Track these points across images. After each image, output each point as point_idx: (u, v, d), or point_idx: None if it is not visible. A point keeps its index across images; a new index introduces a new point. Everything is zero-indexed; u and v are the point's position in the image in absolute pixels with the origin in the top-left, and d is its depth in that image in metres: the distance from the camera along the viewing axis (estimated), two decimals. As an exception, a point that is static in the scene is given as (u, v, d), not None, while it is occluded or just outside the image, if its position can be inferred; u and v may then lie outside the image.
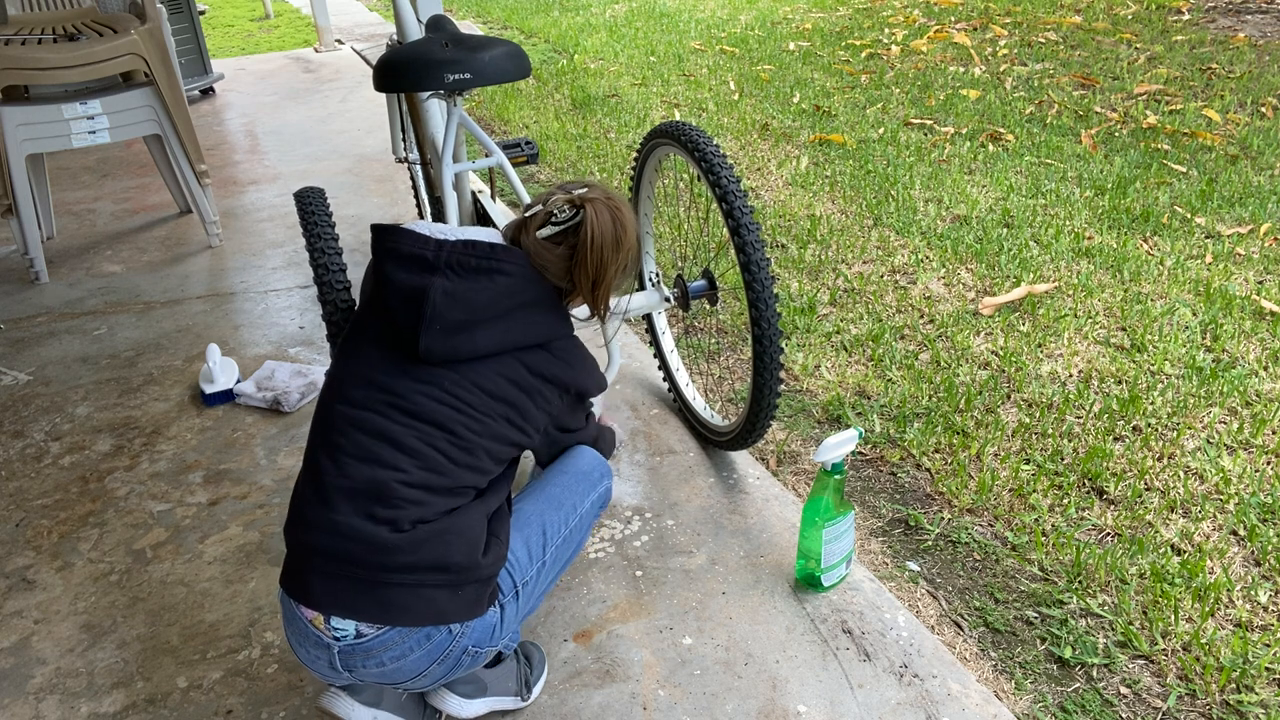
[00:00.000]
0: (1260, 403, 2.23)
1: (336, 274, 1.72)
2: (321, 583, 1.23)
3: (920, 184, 3.61)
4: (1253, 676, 1.54)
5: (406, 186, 3.86)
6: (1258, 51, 5.17)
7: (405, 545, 1.23)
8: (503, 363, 1.34)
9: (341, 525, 1.23)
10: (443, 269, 1.30)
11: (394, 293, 1.31)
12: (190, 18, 5.25)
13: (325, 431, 1.31)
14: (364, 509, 1.24)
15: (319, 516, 1.25)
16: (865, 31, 6.23)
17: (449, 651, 1.28)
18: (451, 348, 1.29)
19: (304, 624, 1.26)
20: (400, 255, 1.33)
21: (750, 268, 1.71)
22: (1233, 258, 2.92)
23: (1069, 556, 1.81)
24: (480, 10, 7.85)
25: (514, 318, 1.34)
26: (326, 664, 1.27)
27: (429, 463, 1.27)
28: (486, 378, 1.32)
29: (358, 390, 1.32)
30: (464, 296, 1.30)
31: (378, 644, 1.24)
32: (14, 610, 1.78)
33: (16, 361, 2.69)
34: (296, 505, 1.30)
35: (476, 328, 1.30)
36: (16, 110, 2.92)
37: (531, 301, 1.36)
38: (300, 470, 1.33)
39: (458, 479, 1.29)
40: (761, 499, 1.96)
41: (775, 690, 1.52)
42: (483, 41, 1.85)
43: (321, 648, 1.26)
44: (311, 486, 1.28)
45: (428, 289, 1.28)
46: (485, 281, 1.32)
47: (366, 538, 1.23)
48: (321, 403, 1.35)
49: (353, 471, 1.26)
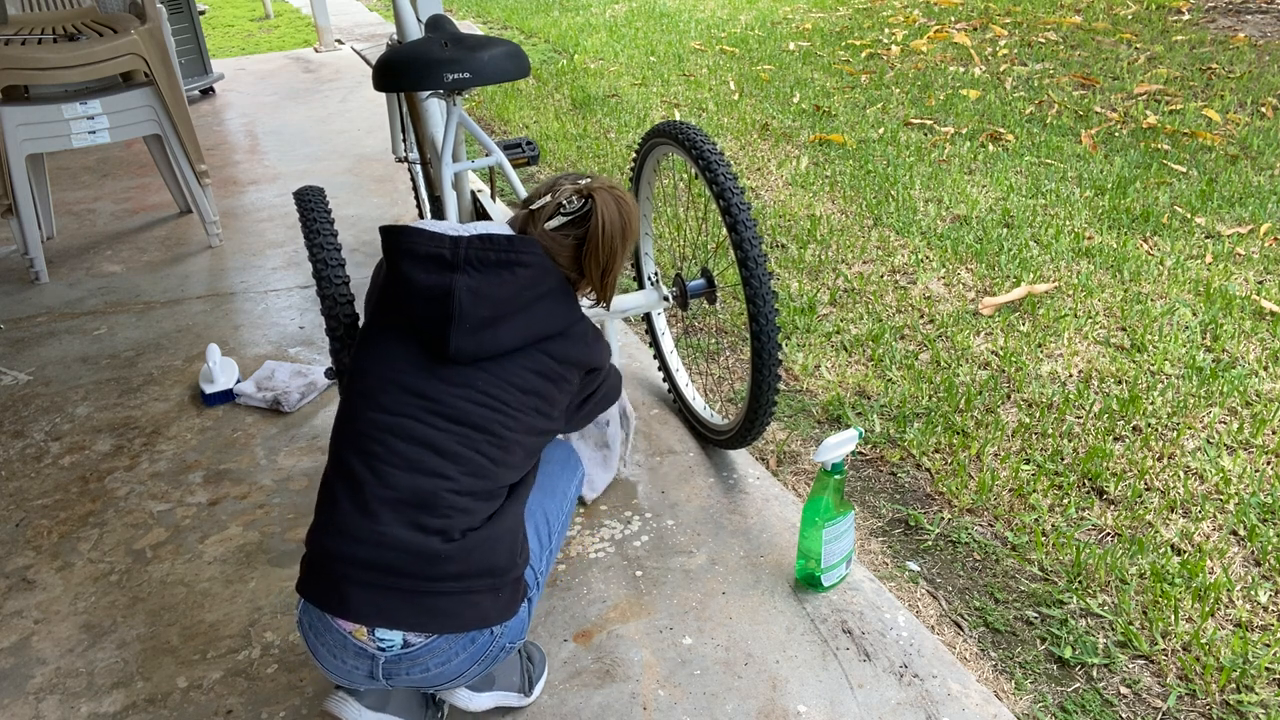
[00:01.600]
0: (1260, 403, 2.23)
1: (336, 272, 1.71)
2: (364, 593, 1.21)
3: (920, 184, 3.61)
4: (1253, 676, 1.54)
5: (406, 187, 3.86)
6: (1258, 51, 5.17)
7: (457, 554, 1.22)
8: (528, 356, 1.33)
9: (388, 537, 1.21)
10: (463, 266, 1.28)
11: (416, 293, 1.29)
12: (190, 18, 5.25)
13: (358, 440, 1.28)
14: (411, 519, 1.22)
15: (360, 527, 1.22)
16: (865, 31, 6.23)
17: (489, 651, 1.29)
18: (479, 344, 1.28)
19: (342, 635, 1.23)
20: (417, 255, 1.30)
21: (747, 263, 1.72)
22: (1233, 258, 2.92)
23: (1069, 556, 1.81)
24: (480, 10, 7.85)
25: (535, 309, 1.33)
26: (366, 674, 1.25)
27: (474, 468, 1.26)
28: (516, 374, 1.32)
29: (388, 396, 1.29)
30: (487, 292, 1.28)
31: (425, 652, 1.24)
32: (14, 610, 1.78)
33: (16, 361, 2.69)
34: (330, 515, 1.26)
35: (501, 323, 1.29)
36: (16, 110, 2.92)
37: (549, 291, 1.35)
38: (328, 479, 1.29)
39: (499, 480, 1.29)
40: (761, 499, 1.96)
41: (775, 690, 1.52)
42: (482, 41, 1.85)
43: (364, 658, 1.24)
44: (349, 497, 1.24)
45: (452, 287, 1.27)
46: (506, 275, 1.30)
47: (416, 549, 1.21)
48: (349, 409, 1.32)
49: (396, 481, 1.23)
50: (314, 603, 1.24)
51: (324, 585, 1.23)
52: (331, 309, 1.70)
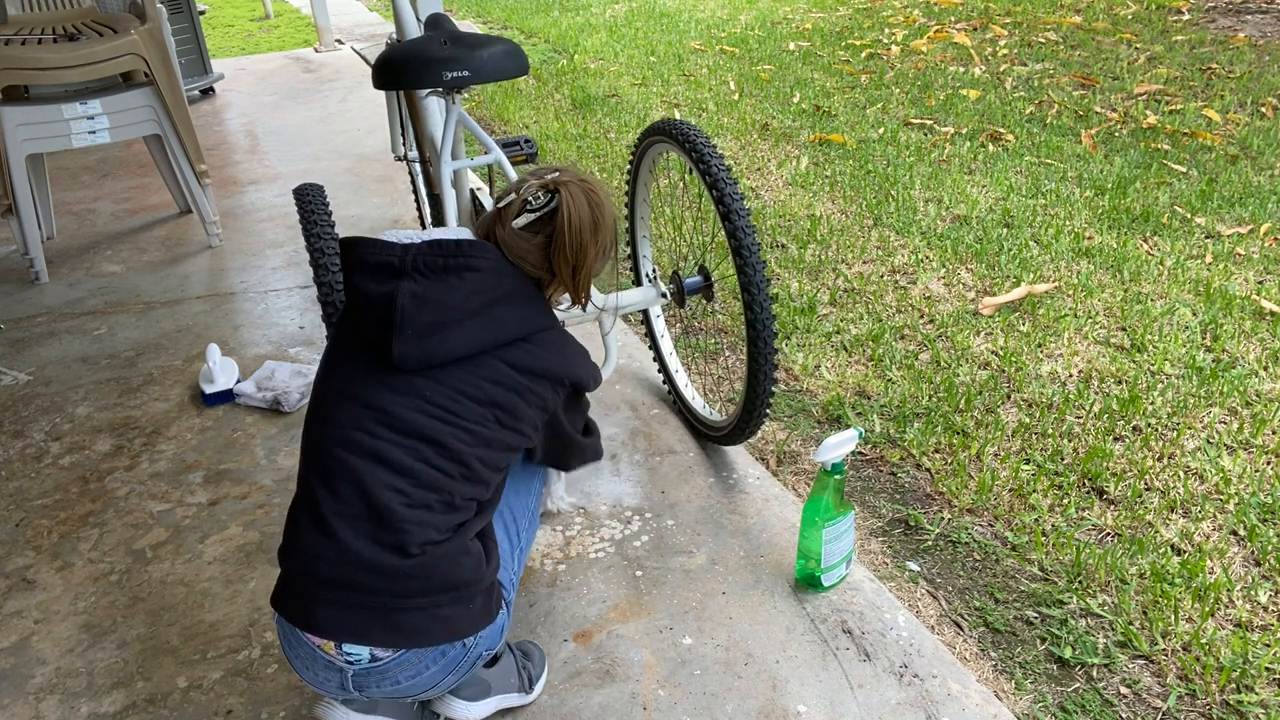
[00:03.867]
0: (1260, 403, 2.23)
1: (336, 269, 1.71)
2: (329, 611, 1.21)
3: (920, 184, 3.61)
4: (1253, 676, 1.54)
5: (406, 186, 3.86)
6: (1258, 51, 5.17)
7: (416, 571, 1.21)
8: (482, 364, 1.28)
9: (346, 553, 1.20)
10: (409, 272, 1.26)
11: (364, 303, 1.27)
12: (190, 18, 5.25)
13: (314, 455, 1.27)
14: (367, 534, 1.21)
15: (318, 545, 1.22)
16: (865, 31, 6.23)
17: (463, 662, 1.28)
18: (425, 352, 1.24)
19: (311, 649, 1.24)
20: (367, 265, 1.28)
21: (742, 253, 1.72)
22: (1233, 258, 2.92)
23: (1069, 556, 1.81)
24: (480, 10, 7.85)
25: (489, 315, 1.28)
26: (337, 685, 1.26)
27: (425, 480, 1.23)
28: (468, 383, 1.27)
29: (340, 409, 1.27)
30: (433, 297, 1.25)
31: (394, 665, 1.24)
32: (14, 610, 1.78)
33: (16, 361, 2.69)
34: (293, 532, 1.26)
35: (449, 329, 1.25)
36: (16, 110, 2.92)
37: (506, 296, 1.30)
38: (294, 497, 1.29)
39: (457, 493, 1.25)
40: (761, 499, 1.96)
41: (775, 690, 1.51)
42: (481, 40, 1.85)
43: (333, 671, 1.24)
44: (307, 513, 1.24)
45: (395, 293, 1.24)
46: (455, 280, 1.27)
47: (373, 565, 1.20)
48: (307, 425, 1.31)
49: (349, 495, 1.22)
50: (285, 617, 1.25)
51: (293, 601, 1.24)
52: (331, 310, 1.70)
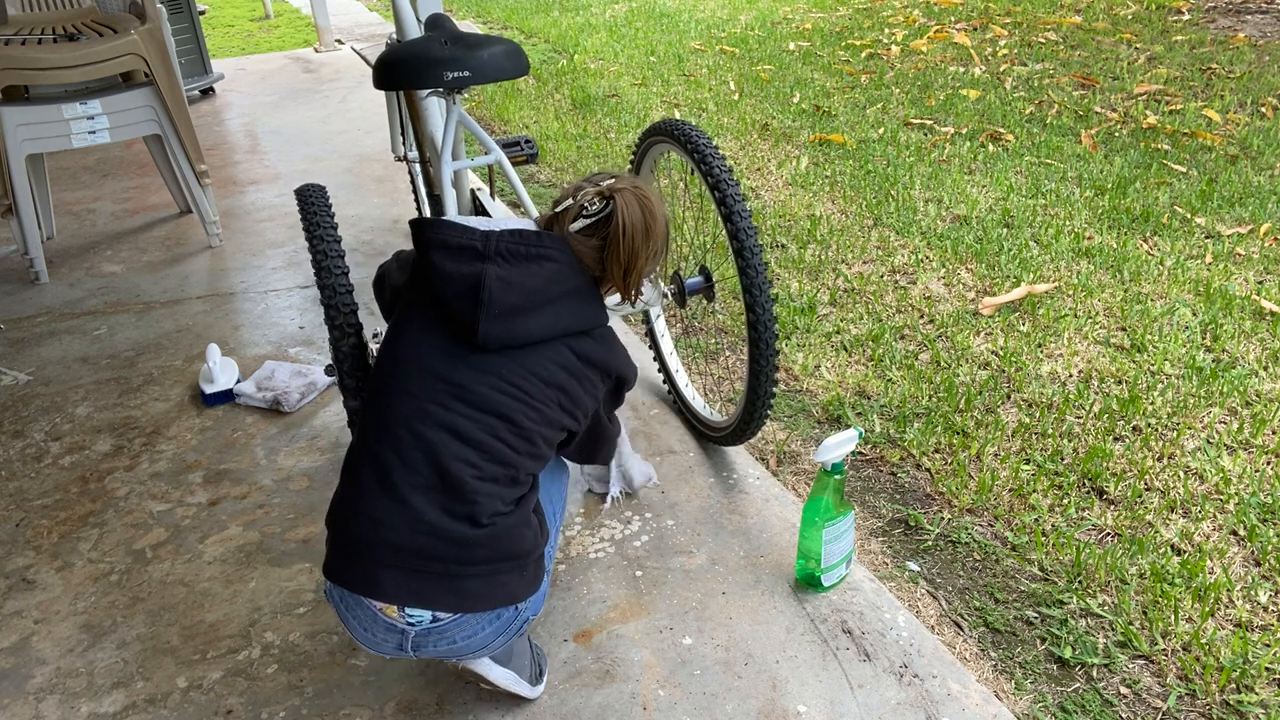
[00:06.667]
0: (1260, 403, 2.23)
1: (339, 271, 1.71)
2: (395, 576, 1.26)
3: (920, 184, 3.61)
4: (1253, 676, 1.54)
5: (406, 186, 3.86)
6: (1258, 51, 5.17)
7: (485, 540, 1.28)
8: (554, 349, 1.37)
9: (419, 522, 1.26)
10: (493, 256, 1.33)
11: (446, 281, 1.33)
12: (190, 18, 5.25)
13: (385, 425, 1.32)
14: (439, 504, 1.27)
15: (388, 511, 1.27)
16: (865, 31, 6.23)
17: (514, 624, 1.36)
18: (508, 332, 1.32)
19: (372, 612, 1.28)
20: (448, 246, 1.35)
21: (743, 253, 1.73)
22: (1233, 258, 2.92)
23: (1069, 556, 1.81)
24: (480, 10, 7.85)
25: (562, 304, 1.37)
26: (395, 646, 1.31)
27: (495, 454, 1.30)
28: (540, 364, 1.35)
29: (416, 382, 1.33)
30: (517, 281, 1.33)
31: (453, 626, 1.30)
32: (14, 610, 1.78)
33: (16, 361, 2.69)
34: (354, 498, 1.30)
35: (530, 313, 1.33)
36: (16, 110, 2.91)
37: (576, 289, 1.39)
38: (352, 464, 1.33)
39: (522, 468, 1.33)
40: (761, 499, 1.96)
41: (775, 690, 1.51)
42: (481, 40, 1.85)
43: (394, 633, 1.30)
44: (376, 480, 1.29)
45: (483, 275, 1.31)
46: (535, 268, 1.35)
47: (446, 534, 1.26)
48: (375, 395, 1.37)
49: (420, 465, 1.28)
50: (344, 586, 1.29)
51: (354, 569, 1.28)
52: (332, 308, 1.70)
